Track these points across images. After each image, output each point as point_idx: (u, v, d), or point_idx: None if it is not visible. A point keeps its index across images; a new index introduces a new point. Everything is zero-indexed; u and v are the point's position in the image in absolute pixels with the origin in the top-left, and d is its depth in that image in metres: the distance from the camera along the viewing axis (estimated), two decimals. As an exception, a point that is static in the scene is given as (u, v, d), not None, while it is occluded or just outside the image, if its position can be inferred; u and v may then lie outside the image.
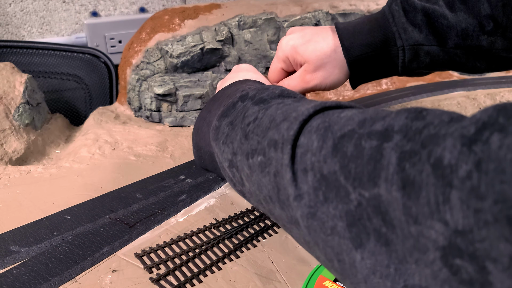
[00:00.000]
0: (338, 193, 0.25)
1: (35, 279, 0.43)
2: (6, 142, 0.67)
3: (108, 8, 1.08)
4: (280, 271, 0.44)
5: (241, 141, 0.36)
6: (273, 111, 0.35)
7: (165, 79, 0.79)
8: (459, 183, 0.19)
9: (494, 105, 0.20)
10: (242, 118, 0.37)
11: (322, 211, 0.26)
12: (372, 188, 0.23)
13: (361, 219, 0.24)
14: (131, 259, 0.46)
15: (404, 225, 0.21)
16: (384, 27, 0.53)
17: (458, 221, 0.19)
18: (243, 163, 0.36)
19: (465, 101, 0.81)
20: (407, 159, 0.22)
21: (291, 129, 0.30)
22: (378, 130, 0.25)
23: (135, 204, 0.55)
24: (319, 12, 0.88)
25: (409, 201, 0.21)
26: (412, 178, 0.21)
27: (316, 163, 0.27)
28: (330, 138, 0.27)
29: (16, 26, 1.01)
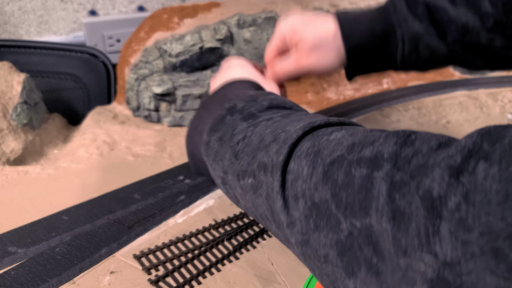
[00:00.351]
0: (329, 222, 0.25)
1: (33, 281, 0.42)
2: (3, 142, 0.66)
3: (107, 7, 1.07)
4: (280, 272, 0.44)
5: (231, 161, 0.36)
6: (262, 129, 0.34)
7: (163, 78, 0.78)
8: (449, 215, 0.19)
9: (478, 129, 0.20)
10: (231, 135, 0.37)
11: (314, 238, 0.26)
12: (363, 218, 0.23)
13: (351, 248, 0.24)
14: (130, 260, 0.45)
15: (393, 257, 0.21)
16: (385, 17, 0.53)
17: (447, 252, 0.19)
18: (235, 183, 0.36)
19: (467, 101, 0.81)
20: (397, 189, 0.22)
21: (280, 154, 0.30)
22: (368, 157, 0.24)
23: (134, 204, 0.55)
24: (319, 10, 0.87)
25: (399, 233, 0.21)
26: (402, 210, 0.21)
27: (307, 191, 0.27)
28: (320, 165, 0.27)
29: (14, 25, 1.00)
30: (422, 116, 0.77)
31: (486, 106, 0.79)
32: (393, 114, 0.78)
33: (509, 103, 0.80)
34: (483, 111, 0.78)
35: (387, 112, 0.78)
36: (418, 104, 0.81)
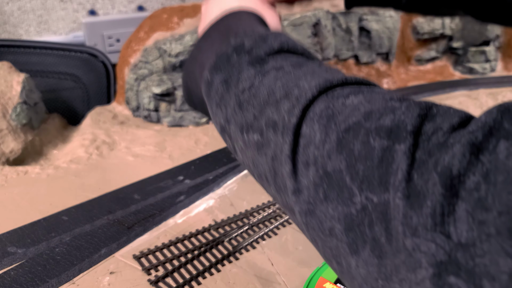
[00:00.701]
0: (341, 194, 0.24)
1: (33, 281, 0.42)
2: (3, 142, 0.66)
3: (106, 7, 1.07)
4: (280, 273, 0.44)
5: (235, 110, 0.34)
6: (271, 81, 0.32)
7: (163, 78, 0.78)
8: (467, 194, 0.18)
9: (497, 105, 0.19)
10: (237, 80, 0.35)
11: (321, 209, 0.25)
12: (382, 193, 0.22)
13: (360, 224, 0.23)
14: (129, 260, 0.45)
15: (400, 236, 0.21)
16: None
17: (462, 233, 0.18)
18: (236, 134, 0.34)
19: (467, 101, 0.81)
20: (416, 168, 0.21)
21: (292, 115, 0.29)
22: (388, 126, 0.23)
23: (133, 205, 0.55)
24: (319, 11, 0.87)
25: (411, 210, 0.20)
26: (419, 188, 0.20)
27: (320, 158, 0.26)
28: (334, 131, 0.26)
29: (13, 25, 1.00)
30: (422, 116, 0.77)
31: (486, 106, 0.79)
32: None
33: (508, 103, 0.80)
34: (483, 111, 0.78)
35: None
36: (418, 104, 0.81)
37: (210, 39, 0.41)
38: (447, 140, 0.21)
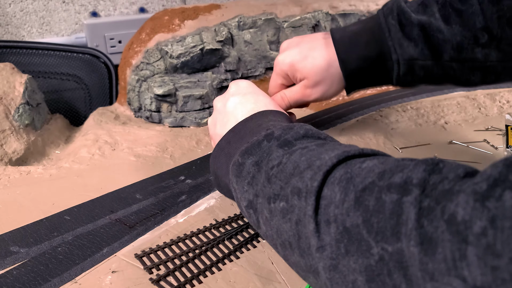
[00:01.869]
0: (359, 247, 0.26)
1: (35, 280, 0.43)
2: (6, 143, 0.67)
3: (108, 8, 1.08)
4: (280, 271, 0.44)
5: (264, 185, 0.36)
6: (297, 157, 0.35)
7: (165, 79, 0.79)
8: (475, 240, 0.19)
9: (503, 159, 0.20)
10: (267, 160, 0.38)
11: (344, 264, 0.27)
12: (395, 242, 0.23)
13: (380, 274, 0.24)
14: (131, 259, 0.46)
15: (420, 281, 0.21)
16: (380, 40, 0.54)
17: (477, 277, 0.19)
18: (263, 206, 0.36)
19: (465, 101, 0.81)
20: (425, 215, 0.22)
21: (314, 180, 0.31)
22: (398, 183, 0.25)
23: (135, 204, 0.55)
24: (318, 12, 0.88)
25: (426, 257, 0.21)
26: (430, 235, 0.21)
27: (339, 216, 0.28)
28: (352, 191, 0.28)
29: (16, 26, 1.01)
30: (421, 117, 0.77)
31: (484, 107, 0.80)
32: (392, 114, 0.78)
33: (507, 104, 0.80)
34: (481, 112, 0.78)
35: (386, 112, 0.79)
36: (417, 104, 0.81)
37: (240, 134, 0.44)
38: (453, 187, 0.22)
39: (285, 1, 0.92)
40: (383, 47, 0.53)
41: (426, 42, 0.52)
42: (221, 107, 0.51)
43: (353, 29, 0.56)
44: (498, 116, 0.77)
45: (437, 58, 0.52)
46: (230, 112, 0.49)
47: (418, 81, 0.56)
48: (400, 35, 0.52)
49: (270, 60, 0.86)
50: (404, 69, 0.54)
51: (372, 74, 0.56)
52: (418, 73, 0.54)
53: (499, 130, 0.72)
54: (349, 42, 0.55)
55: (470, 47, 0.51)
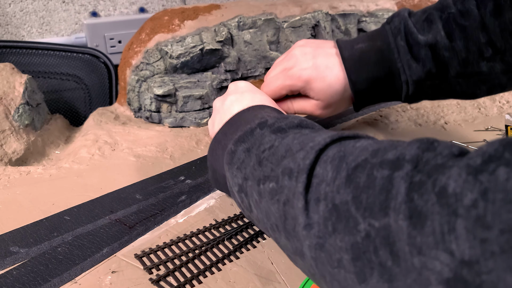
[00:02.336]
0: (347, 224, 0.25)
1: (35, 280, 0.43)
2: (6, 143, 0.67)
3: (108, 8, 1.08)
4: (280, 271, 0.44)
5: (254, 167, 0.36)
6: (289, 140, 0.35)
7: (164, 80, 0.79)
8: (465, 212, 0.19)
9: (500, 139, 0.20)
10: (259, 145, 0.37)
11: (330, 243, 0.26)
12: (382, 218, 0.23)
13: (366, 252, 0.24)
14: (131, 260, 0.46)
15: (407, 256, 0.21)
16: (389, 61, 0.54)
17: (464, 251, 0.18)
18: (253, 188, 0.36)
19: (465, 101, 0.81)
20: (416, 190, 0.22)
21: (307, 159, 0.30)
22: (390, 159, 0.25)
23: (135, 205, 0.55)
24: (318, 12, 0.88)
25: (414, 230, 0.21)
26: (420, 209, 0.21)
27: (330, 193, 0.27)
28: (344, 169, 0.27)
29: (15, 26, 1.01)
30: (421, 117, 0.77)
31: (484, 107, 0.80)
32: (392, 114, 0.78)
33: (507, 104, 0.80)
34: (481, 112, 0.78)
35: (386, 112, 0.79)
36: (417, 104, 0.81)
37: (234, 126, 0.44)
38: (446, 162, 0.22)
39: (285, 1, 0.92)
40: (392, 68, 0.54)
41: (433, 61, 0.52)
42: (220, 106, 0.51)
43: (362, 47, 0.56)
44: (498, 116, 0.77)
45: (444, 75, 0.53)
46: (227, 109, 0.49)
47: (425, 98, 0.57)
48: (409, 57, 0.53)
49: (270, 60, 0.86)
50: (412, 89, 0.55)
51: (380, 93, 0.57)
52: (426, 91, 0.55)
53: (499, 130, 0.72)
54: (359, 62, 0.55)
55: (476, 62, 0.51)
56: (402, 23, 0.54)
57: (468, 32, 0.51)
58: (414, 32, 0.53)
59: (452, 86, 0.54)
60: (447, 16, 0.52)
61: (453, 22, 0.51)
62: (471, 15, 0.50)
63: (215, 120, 0.51)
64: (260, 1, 0.92)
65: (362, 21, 0.92)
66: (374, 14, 0.92)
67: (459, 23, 0.51)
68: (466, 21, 0.51)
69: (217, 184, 0.49)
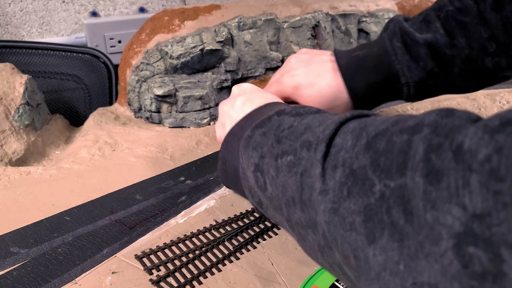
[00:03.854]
0: (362, 187, 0.26)
1: (35, 281, 0.43)
2: (6, 143, 0.67)
3: (108, 8, 1.08)
4: (280, 272, 0.44)
5: (272, 145, 0.37)
6: (309, 119, 0.35)
7: (165, 80, 0.79)
8: (479, 166, 0.19)
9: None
10: (277, 126, 0.38)
11: (344, 206, 0.27)
12: (399, 178, 0.23)
13: (378, 213, 0.24)
14: (131, 260, 0.46)
15: (421, 211, 0.21)
16: (388, 65, 0.53)
17: (477, 204, 0.19)
18: (270, 165, 0.36)
19: (465, 102, 0.81)
20: (434, 150, 0.22)
21: (327, 130, 0.31)
22: (410, 125, 0.25)
23: (135, 205, 0.55)
24: (318, 13, 0.88)
25: (430, 186, 0.21)
26: (437, 167, 0.21)
27: (348, 159, 0.28)
28: (364, 137, 0.28)
29: (15, 26, 1.01)
30: (421, 118, 0.77)
31: (484, 107, 0.80)
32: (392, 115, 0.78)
33: (507, 104, 0.80)
34: (481, 112, 0.79)
35: (386, 113, 0.79)
36: (417, 105, 0.81)
37: (252, 119, 0.44)
38: (464, 124, 0.22)
39: (285, 1, 0.92)
40: (390, 71, 0.53)
41: (435, 60, 0.52)
42: (228, 108, 0.50)
43: (358, 54, 0.55)
44: (498, 116, 0.77)
45: (448, 73, 0.52)
46: (239, 109, 0.48)
47: (429, 96, 0.57)
48: (407, 57, 0.52)
49: (270, 61, 0.86)
50: (414, 90, 0.54)
51: (381, 96, 0.57)
52: (428, 90, 0.55)
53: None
54: (356, 69, 0.54)
55: (480, 58, 0.51)
56: (397, 26, 0.54)
57: (469, 29, 0.50)
58: (411, 31, 0.52)
59: (457, 83, 0.54)
60: (446, 15, 0.51)
61: (452, 19, 0.51)
62: (470, 11, 0.50)
63: (226, 122, 0.50)
64: (260, 1, 0.92)
65: (363, 21, 0.92)
66: (374, 14, 0.92)
67: (458, 20, 0.50)
68: (466, 17, 0.50)
69: (224, 175, 0.49)
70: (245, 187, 0.42)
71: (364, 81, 0.54)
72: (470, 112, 0.24)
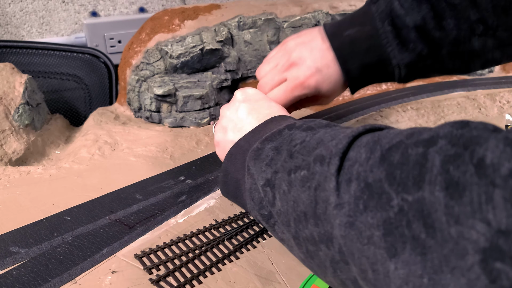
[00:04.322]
0: (379, 201, 0.25)
1: (35, 280, 0.43)
2: (6, 143, 0.67)
3: (108, 8, 1.08)
4: (280, 272, 0.44)
5: (285, 160, 0.36)
6: (321, 134, 0.35)
7: (164, 79, 0.79)
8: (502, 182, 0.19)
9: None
10: (289, 141, 0.38)
11: (361, 220, 0.27)
12: (416, 191, 0.23)
13: (398, 227, 0.24)
14: (131, 260, 0.46)
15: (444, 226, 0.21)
16: (380, 47, 0.54)
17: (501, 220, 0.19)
18: (282, 180, 0.36)
19: (465, 102, 0.81)
20: (451, 162, 0.22)
21: (340, 144, 0.31)
22: (424, 138, 0.25)
23: (135, 205, 0.55)
24: (318, 12, 0.88)
25: (452, 200, 0.21)
26: (456, 180, 0.21)
27: (362, 173, 0.28)
28: (378, 150, 0.28)
29: (15, 26, 1.01)
30: (421, 117, 0.77)
31: (485, 107, 0.80)
32: (392, 115, 0.78)
33: (507, 104, 0.80)
34: (481, 112, 0.78)
35: (386, 113, 0.79)
36: (417, 105, 0.81)
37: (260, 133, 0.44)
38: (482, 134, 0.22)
39: (285, 1, 0.92)
40: (382, 53, 0.54)
41: (424, 42, 0.52)
42: (232, 114, 0.50)
43: (350, 34, 0.55)
44: (498, 116, 0.77)
45: (436, 55, 0.53)
46: (243, 118, 0.49)
47: (419, 77, 0.57)
48: (397, 41, 0.53)
49: (270, 60, 0.86)
50: (405, 72, 0.54)
51: (374, 76, 0.57)
52: (419, 72, 0.55)
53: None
54: (350, 51, 0.55)
55: (467, 39, 0.51)
56: (388, 7, 0.54)
57: (459, 11, 0.50)
58: (401, 14, 0.52)
59: (445, 64, 0.54)
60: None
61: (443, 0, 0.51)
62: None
63: (228, 128, 0.49)
64: (260, 1, 0.92)
65: (362, 21, 0.91)
66: (374, 14, 0.92)
67: (449, 2, 0.51)
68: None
69: (225, 187, 0.49)
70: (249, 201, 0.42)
71: (358, 63, 0.55)
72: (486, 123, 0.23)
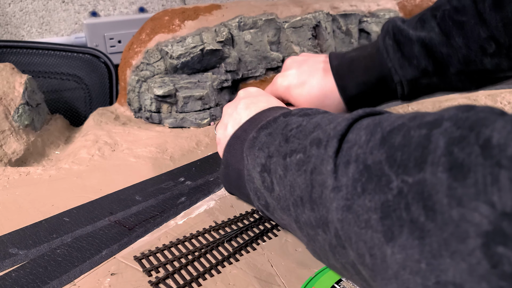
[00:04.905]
0: (378, 183, 0.25)
1: (34, 282, 0.43)
2: (5, 143, 0.67)
3: (108, 8, 1.08)
4: (280, 274, 0.44)
5: (280, 144, 0.36)
6: (318, 119, 0.35)
7: (165, 80, 0.78)
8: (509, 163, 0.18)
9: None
10: (284, 126, 0.37)
11: (358, 203, 0.26)
12: (417, 173, 0.22)
13: (396, 209, 0.23)
14: (130, 262, 0.46)
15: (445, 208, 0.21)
16: (380, 64, 0.53)
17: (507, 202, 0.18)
18: (277, 164, 0.35)
19: (466, 102, 0.81)
20: (456, 144, 0.21)
21: (338, 126, 0.30)
22: (429, 121, 0.24)
23: (135, 206, 0.55)
24: (319, 13, 0.87)
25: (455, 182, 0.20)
26: (461, 161, 0.20)
27: (362, 155, 0.27)
28: (379, 132, 0.27)
29: (15, 26, 1.01)
30: (422, 118, 0.77)
31: None
32: (393, 116, 0.78)
33: (508, 105, 0.80)
34: None
35: (387, 114, 0.79)
36: (418, 105, 0.81)
37: (256, 122, 0.44)
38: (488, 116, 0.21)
39: (285, 1, 0.91)
40: (383, 71, 0.53)
41: (429, 58, 0.51)
42: (232, 110, 0.50)
43: (352, 55, 0.55)
44: (499, 117, 0.77)
45: (443, 73, 0.52)
46: (241, 112, 0.48)
47: (424, 94, 0.56)
48: (399, 55, 0.52)
49: (271, 61, 0.85)
50: (408, 89, 0.53)
51: (374, 95, 0.56)
52: (423, 90, 0.54)
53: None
54: (348, 69, 0.54)
55: (478, 59, 0.50)
56: (390, 25, 0.53)
57: (467, 28, 0.49)
58: (404, 29, 0.51)
59: (453, 83, 0.53)
60: (442, 14, 0.50)
61: (449, 19, 0.50)
62: (468, 10, 0.49)
63: (228, 123, 0.50)
64: (260, 1, 0.91)
65: (363, 21, 0.91)
66: (375, 14, 0.92)
67: (455, 20, 0.50)
68: (463, 16, 0.49)
69: (227, 179, 0.48)
70: (250, 190, 0.42)
71: (355, 80, 0.54)
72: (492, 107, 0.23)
